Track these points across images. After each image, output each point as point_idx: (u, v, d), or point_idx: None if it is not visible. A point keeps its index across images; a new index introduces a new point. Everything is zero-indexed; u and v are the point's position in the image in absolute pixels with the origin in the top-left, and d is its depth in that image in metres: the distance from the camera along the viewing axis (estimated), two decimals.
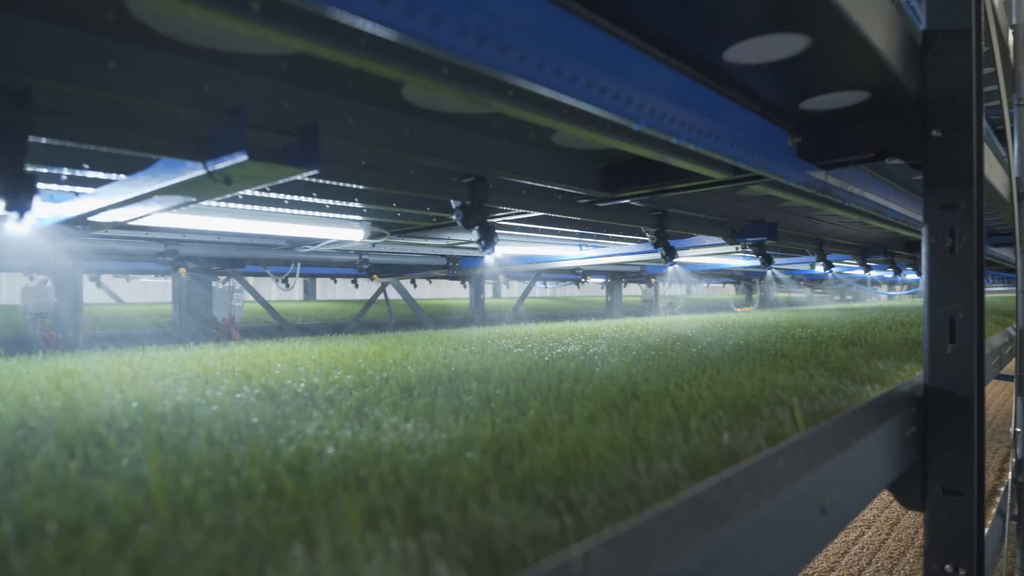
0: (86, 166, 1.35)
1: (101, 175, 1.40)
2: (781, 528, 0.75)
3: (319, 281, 10.57)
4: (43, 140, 1.02)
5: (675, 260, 2.64)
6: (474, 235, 1.76)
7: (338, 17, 0.57)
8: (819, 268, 3.98)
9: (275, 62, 1.11)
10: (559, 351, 2.00)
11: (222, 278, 4.26)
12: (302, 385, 1.36)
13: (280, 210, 2.02)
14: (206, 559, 0.54)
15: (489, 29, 0.65)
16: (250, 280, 5.06)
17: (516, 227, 2.70)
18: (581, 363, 1.68)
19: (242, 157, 1.09)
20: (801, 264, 5.47)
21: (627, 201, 2.07)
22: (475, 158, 1.53)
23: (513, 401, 1.18)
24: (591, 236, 3.34)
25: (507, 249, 3.55)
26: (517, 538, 0.61)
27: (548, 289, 15.92)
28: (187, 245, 3.12)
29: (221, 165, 1.13)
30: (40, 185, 1.28)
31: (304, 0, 0.54)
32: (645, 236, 2.86)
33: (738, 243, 2.75)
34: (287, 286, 7.49)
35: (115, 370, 1.59)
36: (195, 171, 1.19)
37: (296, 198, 1.80)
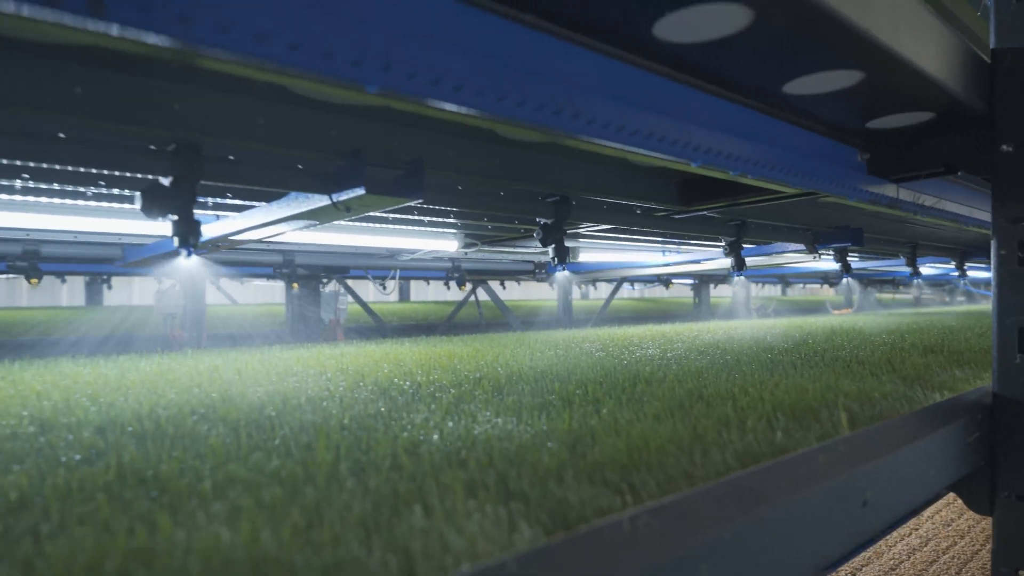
0: (229, 195, 1.61)
1: (240, 202, 1.66)
2: (816, 515, 0.87)
3: (413, 283, 11.01)
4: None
5: (742, 271, 2.71)
6: (550, 252, 1.93)
7: (436, 104, 0.75)
8: (910, 271, 3.89)
9: (387, 109, 1.32)
10: (638, 355, 2.13)
11: (327, 282, 4.61)
12: (407, 383, 1.56)
13: (385, 225, 2.26)
14: (351, 513, 0.73)
15: (563, 101, 0.81)
16: (349, 282, 5.42)
17: (600, 236, 2.85)
18: (656, 367, 1.81)
19: (360, 191, 1.30)
20: (894, 267, 5.30)
21: (704, 213, 2.17)
22: (558, 180, 1.70)
23: (590, 400, 1.33)
24: (674, 242, 3.43)
25: (591, 256, 3.70)
26: (585, 510, 0.77)
27: (636, 291, 15.83)
28: (301, 255, 3.45)
29: (343, 197, 1.35)
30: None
31: (414, 99, 0.72)
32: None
33: (819, 251, 2.78)
34: (385, 289, 7.91)
35: (250, 367, 1.86)
36: (322, 202, 1.41)
37: (400, 216, 2.02)
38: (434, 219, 2.03)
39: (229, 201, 1.72)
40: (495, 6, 0.80)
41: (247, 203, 1.71)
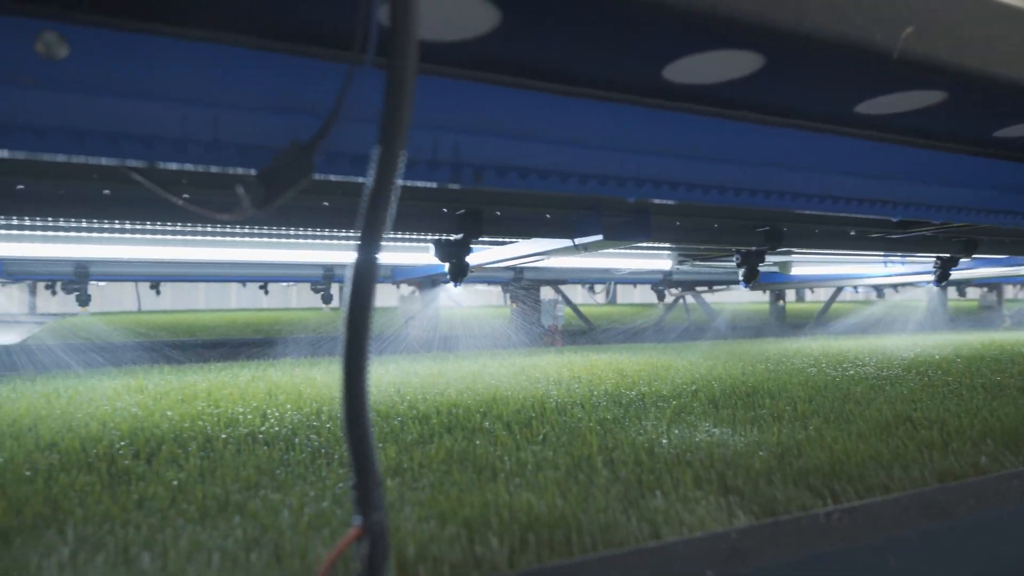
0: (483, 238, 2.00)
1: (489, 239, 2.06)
2: (997, 535, 1.00)
3: (620, 286, 11.24)
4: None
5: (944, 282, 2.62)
6: (740, 274, 2.13)
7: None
8: None
9: None
10: (851, 372, 2.22)
11: (544, 288, 5.04)
12: (633, 392, 1.85)
13: (607, 252, 2.56)
14: (611, 492, 1.03)
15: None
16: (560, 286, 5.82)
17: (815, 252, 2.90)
18: (869, 387, 1.91)
19: (598, 237, 1.61)
20: None
21: (923, 232, 2.19)
22: (771, 213, 1.88)
23: (799, 416, 1.52)
24: (897, 253, 3.34)
25: (806, 269, 3.70)
26: (790, 506, 1.00)
27: (860, 293, 14.58)
28: (531, 271, 3.89)
29: (584, 241, 1.67)
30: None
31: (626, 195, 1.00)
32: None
33: None
34: (594, 293, 8.27)
35: (499, 372, 2.26)
36: (564, 243, 1.75)
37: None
38: (653, 244, 2.29)
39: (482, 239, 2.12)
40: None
41: (495, 240, 2.11)
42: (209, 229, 1.82)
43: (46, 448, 1.28)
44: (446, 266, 1.81)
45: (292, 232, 1.96)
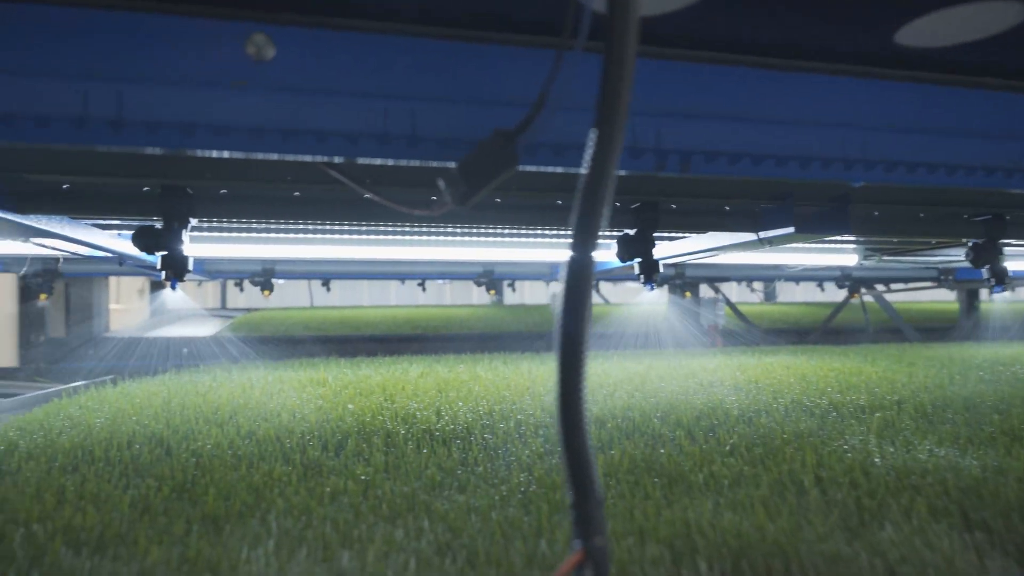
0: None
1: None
2: None
3: (778, 283, 10.57)
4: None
5: None
6: (984, 273, 1.83)
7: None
8: None
9: None
10: None
11: (702, 287, 4.81)
12: (823, 400, 1.67)
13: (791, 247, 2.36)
14: (829, 517, 0.91)
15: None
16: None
17: None
18: None
19: (788, 230, 1.46)
20: None
21: None
22: (994, 199, 1.62)
23: None
24: None
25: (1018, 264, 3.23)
26: None
27: None
28: (692, 268, 3.72)
29: (770, 234, 1.53)
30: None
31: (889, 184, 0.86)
32: None
33: None
34: (752, 290, 7.82)
35: (667, 373, 2.15)
36: (746, 238, 1.61)
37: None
38: (839, 238, 2.07)
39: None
40: None
41: (666, 235, 2.00)
42: (382, 228, 1.88)
43: (245, 436, 1.35)
44: (635, 264, 1.70)
45: (456, 229, 1.98)
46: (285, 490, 1.04)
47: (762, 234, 1.55)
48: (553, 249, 2.67)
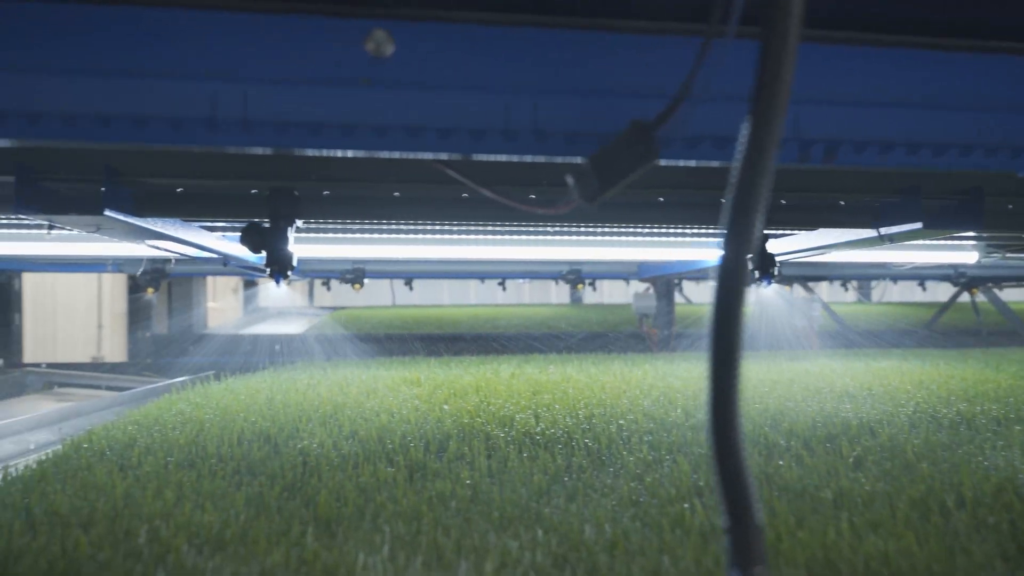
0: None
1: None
2: None
3: (872, 282, 10.04)
4: None
5: None
6: None
7: None
8: None
9: None
10: None
11: (796, 286, 4.60)
12: (951, 411, 1.54)
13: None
14: (983, 547, 0.82)
15: None
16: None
17: None
18: None
19: (916, 225, 1.35)
20: None
21: None
22: None
23: None
24: None
25: None
26: None
27: None
28: (788, 266, 3.55)
29: (893, 230, 1.42)
30: None
31: None
32: None
33: None
34: (847, 290, 7.43)
35: (765, 377, 2.05)
36: (866, 234, 1.50)
37: None
38: (959, 234, 1.91)
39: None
40: None
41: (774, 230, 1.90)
42: (478, 227, 1.86)
43: (348, 436, 1.36)
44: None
45: (541, 228, 1.94)
46: (393, 492, 1.03)
47: (884, 230, 1.44)
48: (641, 248, 2.59)
